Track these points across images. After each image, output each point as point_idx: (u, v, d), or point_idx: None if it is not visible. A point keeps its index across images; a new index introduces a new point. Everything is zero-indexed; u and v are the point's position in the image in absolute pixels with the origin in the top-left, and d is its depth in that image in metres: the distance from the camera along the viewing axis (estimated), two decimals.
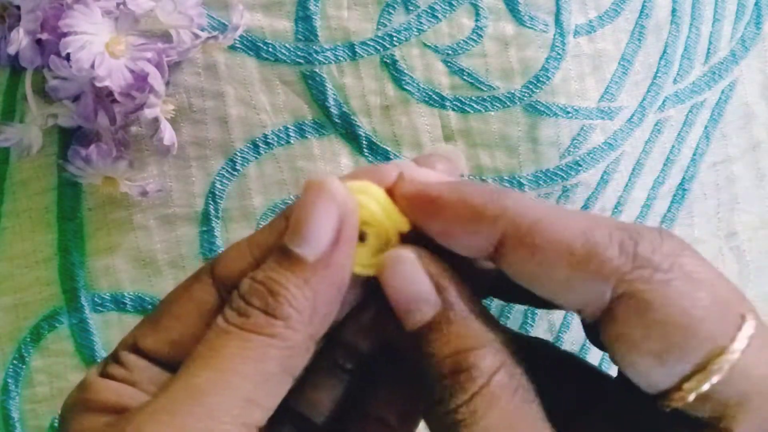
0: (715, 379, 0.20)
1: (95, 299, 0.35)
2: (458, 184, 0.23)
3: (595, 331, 0.23)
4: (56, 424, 0.36)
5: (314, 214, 0.22)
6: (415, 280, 0.23)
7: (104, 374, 0.25)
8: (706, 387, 0.20)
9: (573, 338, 0.36)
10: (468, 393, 0.21)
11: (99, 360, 0.36)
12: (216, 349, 0.22)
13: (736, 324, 0.20)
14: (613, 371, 0.26)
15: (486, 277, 0.24)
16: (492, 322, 0.22)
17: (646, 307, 0.20)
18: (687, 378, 0.20)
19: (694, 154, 0.37)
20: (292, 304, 0.22)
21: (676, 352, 0.20)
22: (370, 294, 0.25)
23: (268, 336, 0.22)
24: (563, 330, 0.36)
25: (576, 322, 0.36)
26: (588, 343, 0.36)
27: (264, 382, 0.22)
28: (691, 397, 0.20)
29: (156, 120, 0.32)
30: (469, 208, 0.22)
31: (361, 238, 0.24)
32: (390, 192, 0.24)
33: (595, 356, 0.36)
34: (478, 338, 0.22)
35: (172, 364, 0.25)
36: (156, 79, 0.32)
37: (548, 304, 0.23)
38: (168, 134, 0.33)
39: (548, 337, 0.36)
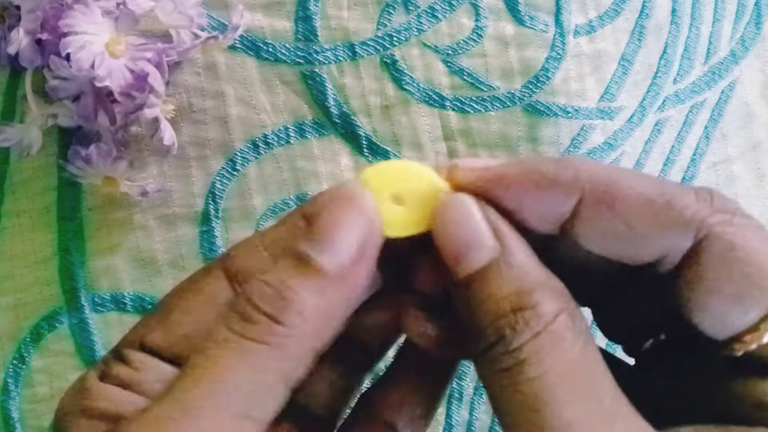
0: None
1: (95, 299, 0.35)
2: (521, 160, 0.22)
3: (610, 326, 0.23)
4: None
5: (341, 224, 0.21)
6: (472, 223, 0.22)
7: (106, 375, 0.24)
8: None
9: None
10: (533, 330, 0.20)
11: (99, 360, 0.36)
12: (213, 359, 0.21)
13: None
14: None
15: None
16: (548, 270, 0.22)
17: (730, 248, 0.21)
18: (764, 318, 0.21)
19: (694, 154, 0.37)
20: (302, 312, 0.21)
21: (756, 293, 0.20)
22: (385, 294, 0.25)
23: (270, 346, 0.21)
24: None
25: None
26: None
27: (260, 395, 0.21)
28: (766, 337, 0.21)
29: (156, 120, 0.32)
30: (543, 176, 0.22)
31: (399, 201, 0.23)
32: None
33: None
34: (539, 279, 0.21)
35: (183, 360, 0.24)
36: (156, 79, 0.32)
37: (602, 289, 0.23)
38: (168, 134, 0.33)
39: None
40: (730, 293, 0.21)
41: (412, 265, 0.24)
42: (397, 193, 0.23)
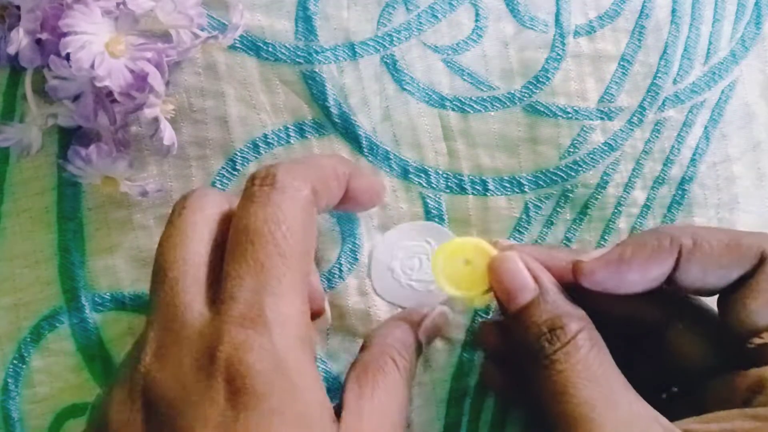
0: None
1: (95, 299, 0.35)
2: (622, 245, 0.31)
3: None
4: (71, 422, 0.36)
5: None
6: (518, 272, 0.31)
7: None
8: None
9: None
10: (562, 341, 0.29)
11: (99, 359, 0.36)
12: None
13: None
14: None
15: None
16: (574, 302, 0.31)
17: None
18: None
19: (694, 155, 0.37)
20: None
21: None
22: None
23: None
24: None
25: None
26: None
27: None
28: None
29: (156, 120, 0.32)
30: (649, 249, 0.30)
31: (467, 264, 0.32)
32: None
33: None
34: (566, 310, 0.30)
35: None
36: (156, 79, 0.32)
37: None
38: (168, 134, 0.33)
39: None
40: None
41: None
42: (466, 258, 0.32)
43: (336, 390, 0.34)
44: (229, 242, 0.28)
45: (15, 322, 0.36)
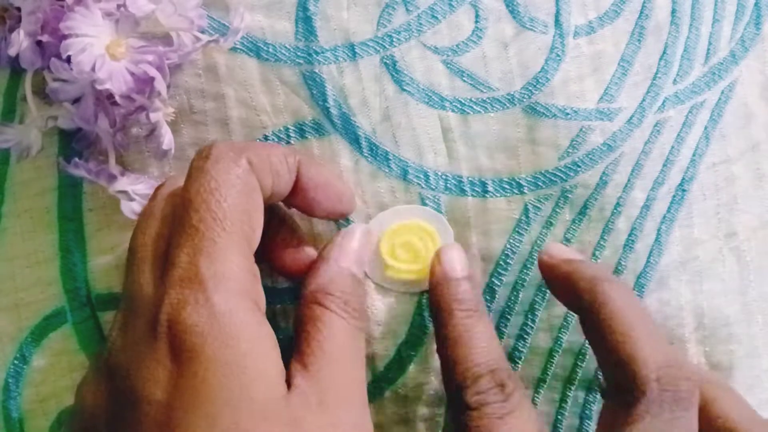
0: None
1: (97, 299, 0.36)
2: (574, 263, 0.34)
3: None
4: (61, 421, 0.36)
5: None
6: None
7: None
8: None
9: (571, 339, 0.36)
10: None
11: None
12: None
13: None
14: None
15: None
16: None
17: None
18: None
19: (694, 155, 0.37)
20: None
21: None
22: None
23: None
24: (563, 331, 0.37)
25: (575, 323, 0.37)
26: (586, 344, 0.36)
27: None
28: None
29: (157, 123, 0.33)
30: (564, 281, 0.34)
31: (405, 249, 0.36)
32: None
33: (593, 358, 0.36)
34: None
35: None
36: (161, 84, 0.32)
37: None
38: (167, 139, 0.33)
39: (547, 337, 0.37)
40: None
41: None
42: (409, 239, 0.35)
43: None
44: (174, 218, 0.30)
45: (16, 322, 0.36)
